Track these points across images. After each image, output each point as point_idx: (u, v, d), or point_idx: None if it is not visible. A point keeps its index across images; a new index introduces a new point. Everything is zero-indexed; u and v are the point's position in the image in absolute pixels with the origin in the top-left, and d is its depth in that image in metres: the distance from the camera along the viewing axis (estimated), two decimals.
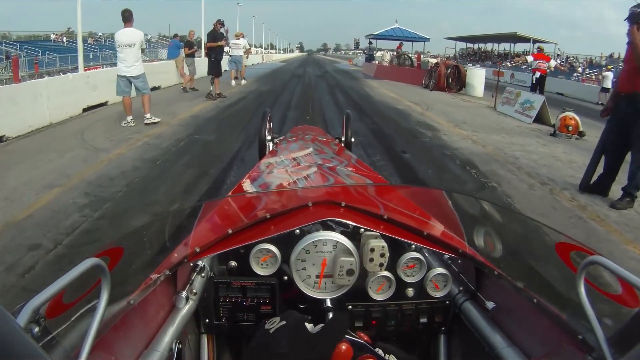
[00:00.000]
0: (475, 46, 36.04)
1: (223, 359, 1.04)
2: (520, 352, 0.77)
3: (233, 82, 13.69)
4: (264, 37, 68.27)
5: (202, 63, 12.97)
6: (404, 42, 22.53)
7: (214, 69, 9.82)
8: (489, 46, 35.71)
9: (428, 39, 22.25)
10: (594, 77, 21.29)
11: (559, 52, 30.31)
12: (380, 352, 0.72)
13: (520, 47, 31.24)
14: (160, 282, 0.83)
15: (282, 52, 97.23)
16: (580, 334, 0.66)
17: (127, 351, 0.73)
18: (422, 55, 19.26)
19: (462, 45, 36.58)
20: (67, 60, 24.07)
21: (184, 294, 0.87)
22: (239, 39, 13.76)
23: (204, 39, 13.33)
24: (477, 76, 13.55)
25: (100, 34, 41.13)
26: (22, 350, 0.35)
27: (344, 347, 0.64)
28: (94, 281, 0.59)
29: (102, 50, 31.04)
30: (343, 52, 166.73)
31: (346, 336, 0.68)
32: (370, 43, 23.97)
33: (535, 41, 25.05)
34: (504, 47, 33.79)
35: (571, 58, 30.29)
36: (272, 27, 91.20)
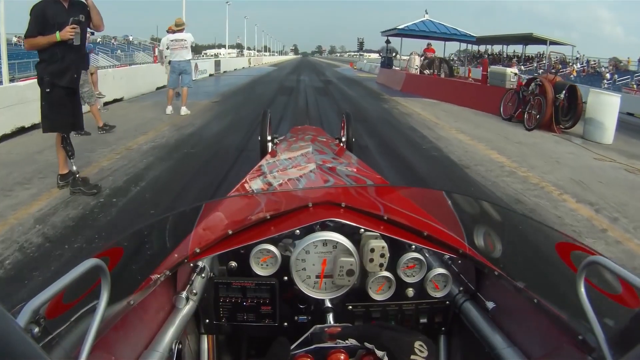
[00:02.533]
0: (482, 48, 31.09)
1: (223, 359, 1.03)
2: (520, 352, 0.76)
3: (169, 109, 7.44)
4: (256, 39, 63.24)
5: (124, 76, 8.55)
6: (431, 42, 16.23)
7: (52, 115, 3.38)
8: (496, 48, 31.78)
9: (473, 38, 15.93)
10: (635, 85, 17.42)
11: (578, 55, 26.32)
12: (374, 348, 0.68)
13: (532, 50, 27.88)
14: (160, 282, 0.82)
15: (276, 54, 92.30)
16: (580, 334, 0.65)
17: (127, 351, 0.72)
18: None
19: (456, 46, 31.29)
20: (14, 67, 17.34)
21: (184, 294, 0.85)
22: (182, 30, 7.46)
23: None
24: (607, 107, 7.18)
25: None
26: (22, 350, 0.34)
27: (342, 357, 0.66)
28: (94, 281, 0.58)
29: None
30: (338, 54, 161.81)
31: (339, 341, 0.70)
32: (387, 42, 17.55)
33: (552, 43, 22.57)
34: (513, 48, 30.56)
35: (593, 62, 25.49)
36: (266, 30, 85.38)
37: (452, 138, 6.14)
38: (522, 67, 23.70)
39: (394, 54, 17.39)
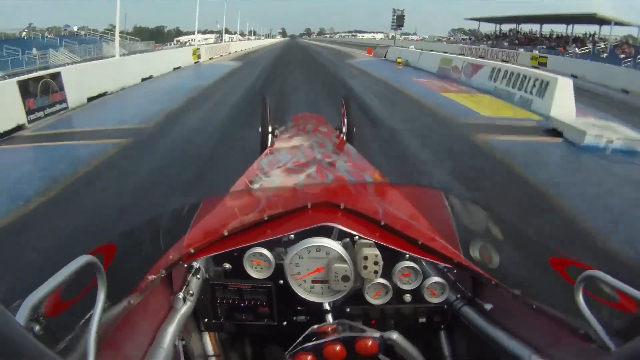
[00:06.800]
0: (505, 27, 30.85)
1: (228, 352, 1.02)
2: (522, 343, 0.75)
3: None
4: (239, 23, 51.75)
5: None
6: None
7: None
8: (524, 27, 30.18)
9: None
10: None
11: None
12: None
13: (580, 29, 26.44)
14: (158, 282, 0.81)
15: (262, 37, 76.99)
16: (582, 328, 0.65)
17: (129, 350, 0.72)
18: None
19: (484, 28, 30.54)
20: None
21: (180, 294, 0.84)
22: None
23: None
24: None
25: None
26: (27, 350, 0.34)
27: (337, 347, 0.69)
28: (90, 278, 0.57)
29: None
30: (328, 35, 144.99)
31: (366, 330, 0.74)
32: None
33: (616, 23, 20.92)
34: (550, 28, 28.46)
35: None
36: (252, 14, 70.85)
37: None
38: (577, 49, 21.11)
39: None
